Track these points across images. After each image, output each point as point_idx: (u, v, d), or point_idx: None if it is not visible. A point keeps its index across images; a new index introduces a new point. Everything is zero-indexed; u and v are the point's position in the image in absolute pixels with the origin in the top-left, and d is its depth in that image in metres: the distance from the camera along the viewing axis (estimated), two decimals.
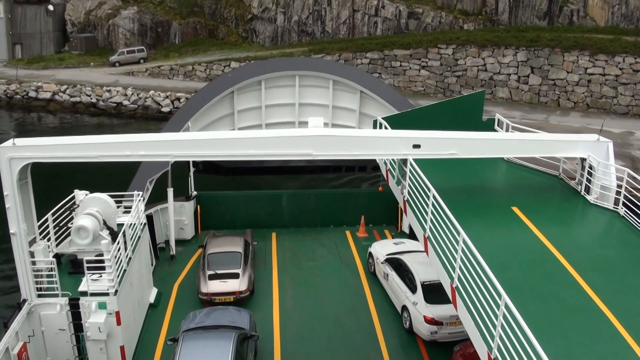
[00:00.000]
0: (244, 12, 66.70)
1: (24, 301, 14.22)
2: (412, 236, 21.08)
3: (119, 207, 17.00)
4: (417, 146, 14.06)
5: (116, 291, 14.33)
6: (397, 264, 18.06)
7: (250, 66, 34.99)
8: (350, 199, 24.80)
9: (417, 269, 16.97)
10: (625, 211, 13.92)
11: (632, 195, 13.95)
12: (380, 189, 24.52)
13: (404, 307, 16.93)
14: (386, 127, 16.80)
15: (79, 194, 16.28)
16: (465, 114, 18.31)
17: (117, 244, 14.76)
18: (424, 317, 15.83)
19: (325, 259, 21.45)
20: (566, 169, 16.30)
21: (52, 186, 21.02)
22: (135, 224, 16.62)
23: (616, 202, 14.23)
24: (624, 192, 14.01)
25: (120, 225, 16.03)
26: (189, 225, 22.61)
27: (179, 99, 54.75)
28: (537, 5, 59.67)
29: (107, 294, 14.25)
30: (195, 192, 23.20)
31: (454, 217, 11.74)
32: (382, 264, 18.90)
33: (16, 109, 56.95)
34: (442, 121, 16.93)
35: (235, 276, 18.09)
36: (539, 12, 59.72)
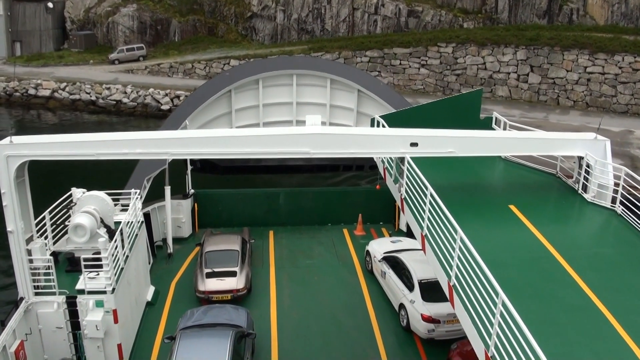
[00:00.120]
0: (244, 9, 66.63)
1: (22, 299, 14.23)
2: (409, 234, 21.07)
3: (116, 205, 17.02)
4: (414, 144, 14.08)
5: (113, 289, 14.33)
6: (395, 262, 18.07)
7: (247, 65, 34.89)
8: (347, 197, 24.81)
9: (414, 267, 16.98)
10: (622, 209, 13.92)
11: (629, 193, 13.95)
12: (377, 187, 24.50)
13: (402, 305, 16.94)
14: (384, 126, 16.78)
15: (76, 192, 16.26)
16: (463, 112, 18.30)
17: (115, 242, 14.77)
18: (421, 315, 15.84)
19: (322, 257, 21.45)
20: (564, 168, 16.30)
21: (49, 184, 20.97)
22: (132, 222, 16.62)
23: (613, 200, 14.21)
24: (622, 190, 14.00)
25: (117, 223, 16.03)
26: (186, 223, 22.61)
27: (178, 96, 54.69)
28: (536, 3, 59.62)
29: (104, 292, 14.25)
30: (192, 190, 23.20)
31: (451, 215, 11.73)
32: (379, 262, 18.91)
33: (16, 106, 56.91)
34: (439, 119, 16.89)
35: (232, 274, 18.11)
36: (538, 10, 59.67)
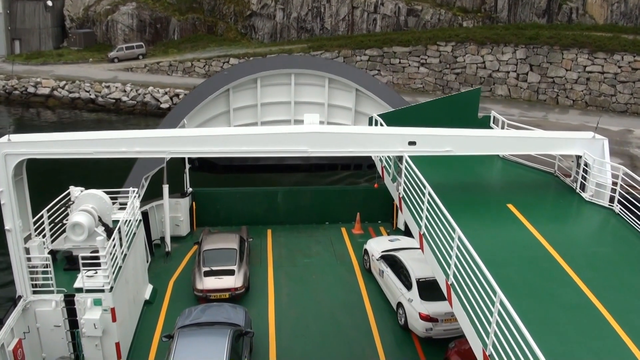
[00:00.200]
0: (243, 8, 66.58)
1: (20, 297, 14.23)
2: (407, 233, 21.08)
3: (114, 203, 16.98)
4: (412, 143, 14.08)
5: (111, 288, 14.33)
6: (393, 261, 18.07)
7: (246, 64, 34.92)
8: (345, 196, 24.80)
9: (412, 266, 16.98)
10: (620, 209, 13.93)
11: (627, 192, 13.95)
12: (375, 186, 24.45)
13: (399, 304, 16.95)
14: (382, 124, 16.78)
15: (75, 191, 16.28)
16: (461, 111, 18.29)
17: (113, 240, 14.76)
18: (419, 313, 15.84)
19: (320, 255, 21.45)
20: (562, 167, 16.30)
21: (47, 182, 20.96)
22: (130, 221, 16.60)
23: (611, 199, 14.20)
24: (619, 189, 14.00)
25: (115, 221, 16.01)
26: (184, 221, 22.61)
27: (177, 95, 54.65)
28: (536, 2, 59.62)
29: (102, 291, 14.25)
30: (190, 189, 23.19)
31: (449, 214, 11.74)
32: (377, 260, 18.91)
33: (15, 104, 56.86)
34: (437, 118, 16.88)
35: (230, 273, 18.11)
36: (538, 9, 59.66)
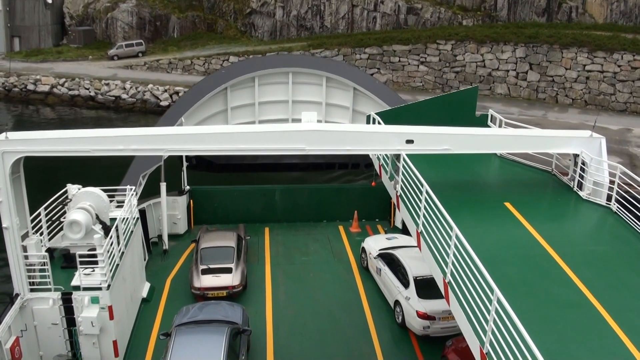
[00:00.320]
0: (243, 6, 66.50)
1: (17, 295, 14.22)
2: (404, 231, 21.08)
3: (111, 201, 16.97)
4: (410, 141, 14.09)
5: (109, 286, 14.33)
6: (390, 259, 18.08)
7: (243, 63, 34.88)
8: (343, 194, 24.78)
9: (409, 264, 17.00)
10: (617, 207, 13.94)
11: (624, 191, 13.96)
12: (373, 184, 24.47)
13: (397, 302, 16.96)
14: (379, 122, 16.78)
15: (72, 188, 16.23)
16: (458, 110, 18.31)
17: (110, 238, 14.75)
18: (417, 312, 15.87)
19: (318, 253, 21.46)
20: (559, 165, 16.31)
21: (45, 180, 20.95)
22: (128, 219, 16.60)
23: (609, 198, 14.23)
24: (617, 188, 14.00)
25: (113, 219, 16.00)
26: (181, 219, 22.60)
27: (177, 92, 54.54)
28: (535, 1, 59.52)
29: (99, 289, 14.24)
30: (188, 187, 23.17)
31: (446, 212, 11.76)
32: (374, 259, 18.92)
33: (14, 101, 56.77)
34: (435, 116, 16.91)
35: (228, 271, 18.11)
36: (537, 8, 59.59)
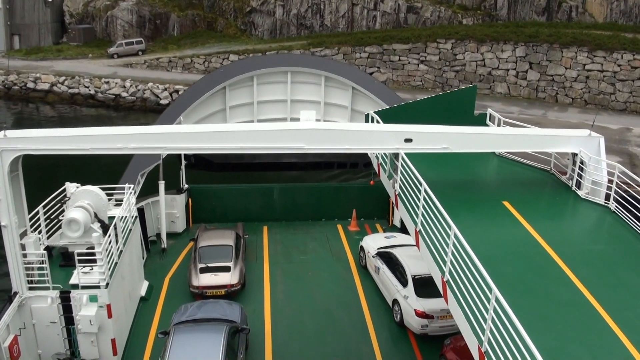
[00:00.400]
0: (243, 4, 66.46)
1: (15, 294, 14.20)
2: (403, 230, 21.11)
3: (110, 200, 17.00)
4: (408, 140, 14.07)
5: (107, 284, 14.32)
6: (388, 258, 18.08)
7: (242, 62, 34.86)
8: (341, 193, 24.76)
9: (408, 263, 17.00)
10: (616, 206, 13.95)
11: (623, 190, 13.97)
12: (371, 183, 24.51)
13: (395, 301, 16.97)
14: (378, 121, 16.77)
15: (70, 187, 16.24)
16: (457, 109, 18.31)
17: (109, 236, 14.73)
18: (415, 310, 15.87)
19: (316, 252, 21.45)
20: (558, 164, 16.31)
21: (43, 178, 20.98)
22: (126, 217, 16.60)
23: (607, 197, 14.25)
24: (615, 187, 14.01)
25: (111, 218, 16.01)
26: (180, 218, 22.59)
27: (177, 91, 54.52)
28: (535, 0, 59.50)
29: (98, 287, 14.23)
30: (186, 186, 23.16)
31: (445, 211, 11.75)
32: (373, 257, 18.92)
33: (14, 99, 56.76)
34: (434, 115, 16.92)
35: (226, 269, 18.10)
36: (537, 7, 59.55)
